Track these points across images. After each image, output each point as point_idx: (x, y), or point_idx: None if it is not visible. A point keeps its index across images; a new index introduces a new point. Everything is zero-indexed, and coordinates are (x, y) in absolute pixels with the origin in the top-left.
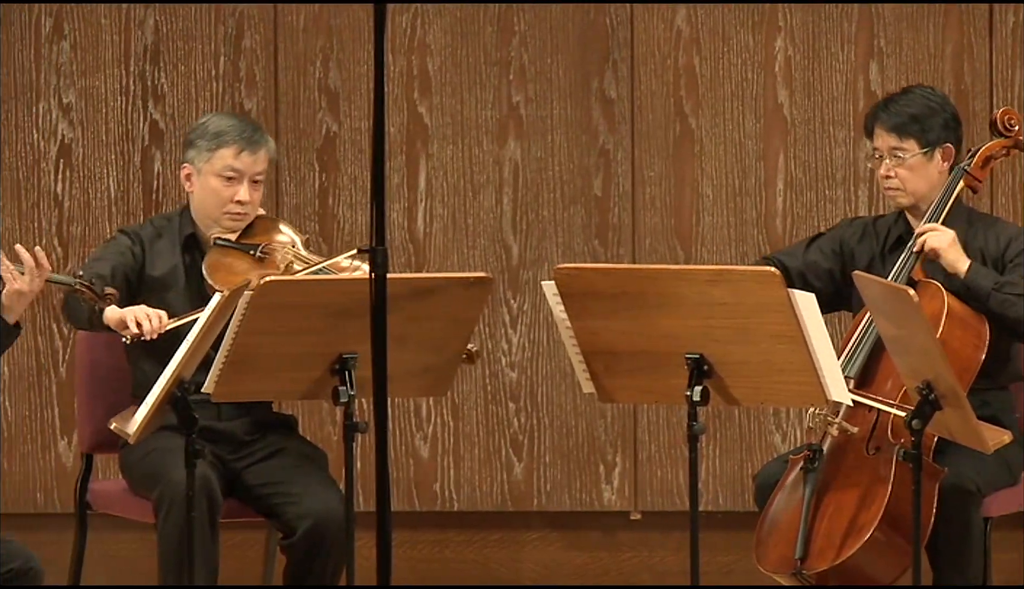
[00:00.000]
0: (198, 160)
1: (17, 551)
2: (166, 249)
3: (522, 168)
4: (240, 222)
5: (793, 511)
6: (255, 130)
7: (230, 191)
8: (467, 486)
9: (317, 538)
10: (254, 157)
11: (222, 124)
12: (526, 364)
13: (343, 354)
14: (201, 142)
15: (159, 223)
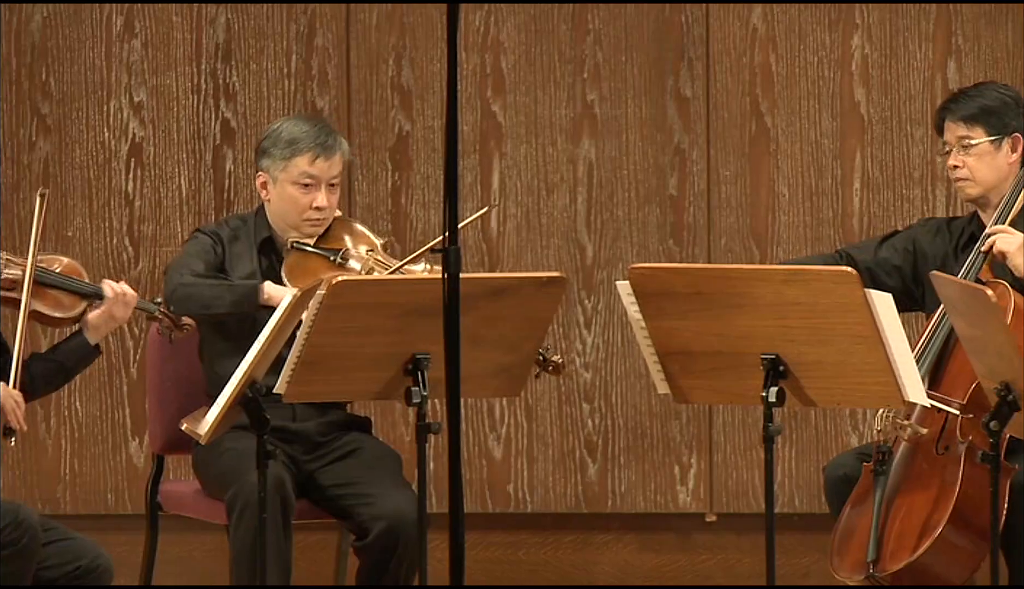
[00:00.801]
0: (273, 169)
1: (86, 548)
2: (243, 252)
3: (596, 167)
4: (319, 227)
5: (865, 515)
6: (328, 134)
7: (308, 198)
8: (541, 487)
9: (390, 540)
10: (329, 162)
11: (295, 131)
12: (600, 364)
13: (416, 354)
14: (275, 150)
15: (234, 224)
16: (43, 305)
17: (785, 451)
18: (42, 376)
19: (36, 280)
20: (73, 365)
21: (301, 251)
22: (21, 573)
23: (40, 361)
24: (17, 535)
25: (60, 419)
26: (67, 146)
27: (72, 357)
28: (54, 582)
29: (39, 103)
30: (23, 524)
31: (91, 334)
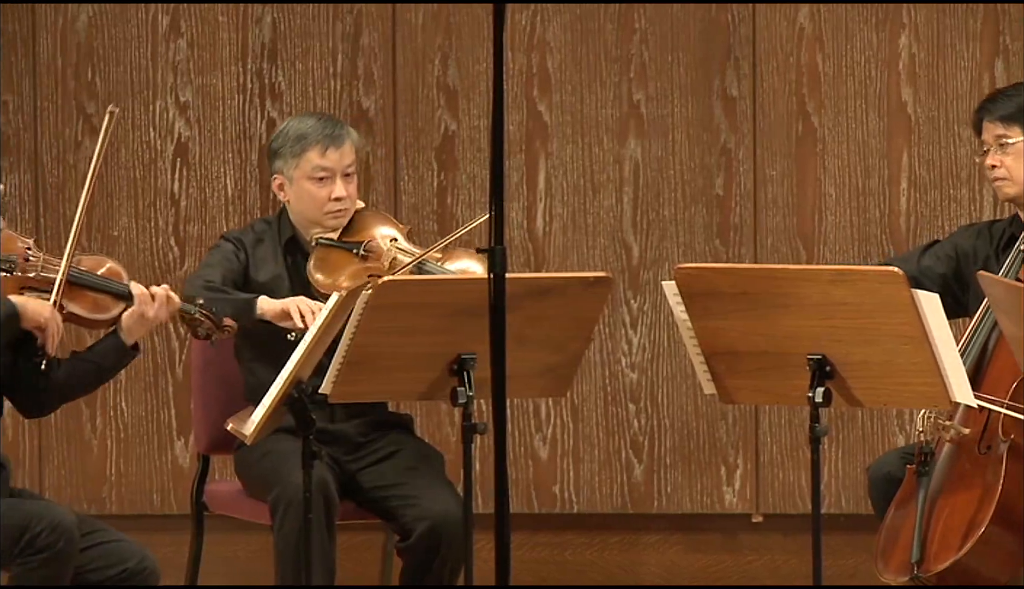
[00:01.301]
0: (287, 168)
1: (132, 550)
2: (268, 254)
3: (643, 167)
4: (342, 218)
5: (909, 516)
6: (335, 125)
7: (325, 190)
8: (587, 488)
9: (434, 540)
10: (340, 151)
11: (301, 127)
12: (646, 365)
13: (462, 354)
14: (285, 149)
15: (259, 228)
16: (80, 307)
17: (832, 452)
18: (78, 376)
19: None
20: (109, 365)
21: (325, 246)
22: (58, 577)
23: (76, 361)
24: (53, 539)
25: (106, 419)
26: (113, 146)
27: (108, 357)
28: (101, 584)
29: (85, 103)
30: (59, 527)
31: (125, 335)
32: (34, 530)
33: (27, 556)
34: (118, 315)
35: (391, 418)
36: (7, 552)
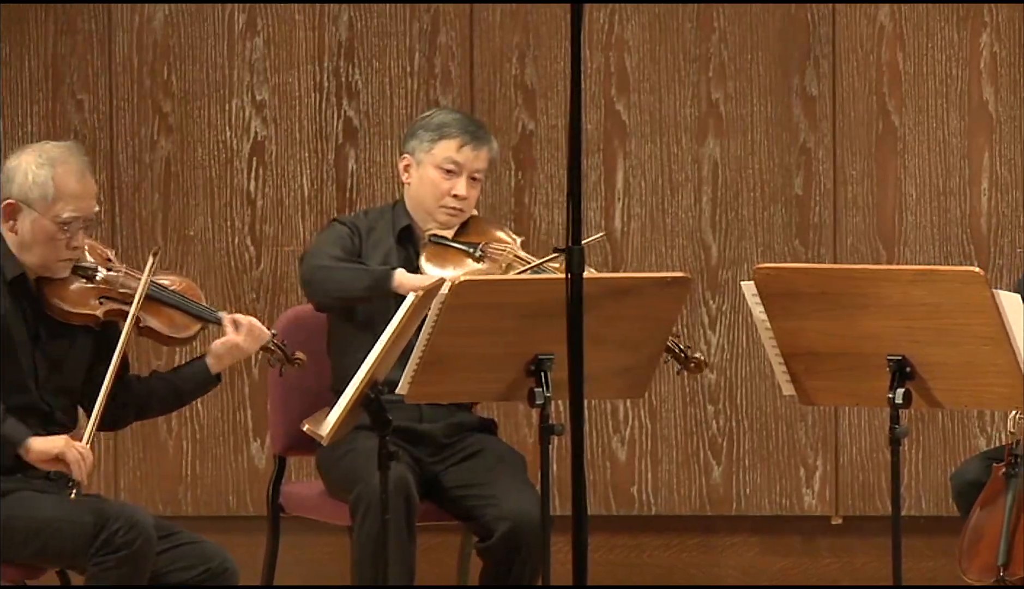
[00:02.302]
0: (419, 150)
1: (212, 551)
2: (381, 242)
3: (721, 166)
4: (455, 218)
5: (995, 518)
6: (480, 127)
7: (448, 184)
8: (665, 489)
9: (515, 541)
10: (476, 153)
11: (447, 117)
12: (725, 365)
13: (539, 355)
14: (423, 133)
15: (373, 216)
16: (158, 322)
17: (912, 453)
18: (158, 397)
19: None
20: (190, 390)
21: (439, 244)
22: (135, 576)
23: (158, 381)
24: (131, 537)
25: (181, 420)
26: (189, 145)
27: (190, 382)
28: (182, 585)
29: (161, 102)
30: (137, 527)
31: (213, 362)
32: (111, 528)
33: (104, 555)
34: (194, 335)
35: (477, 421)
36: (82, 551)
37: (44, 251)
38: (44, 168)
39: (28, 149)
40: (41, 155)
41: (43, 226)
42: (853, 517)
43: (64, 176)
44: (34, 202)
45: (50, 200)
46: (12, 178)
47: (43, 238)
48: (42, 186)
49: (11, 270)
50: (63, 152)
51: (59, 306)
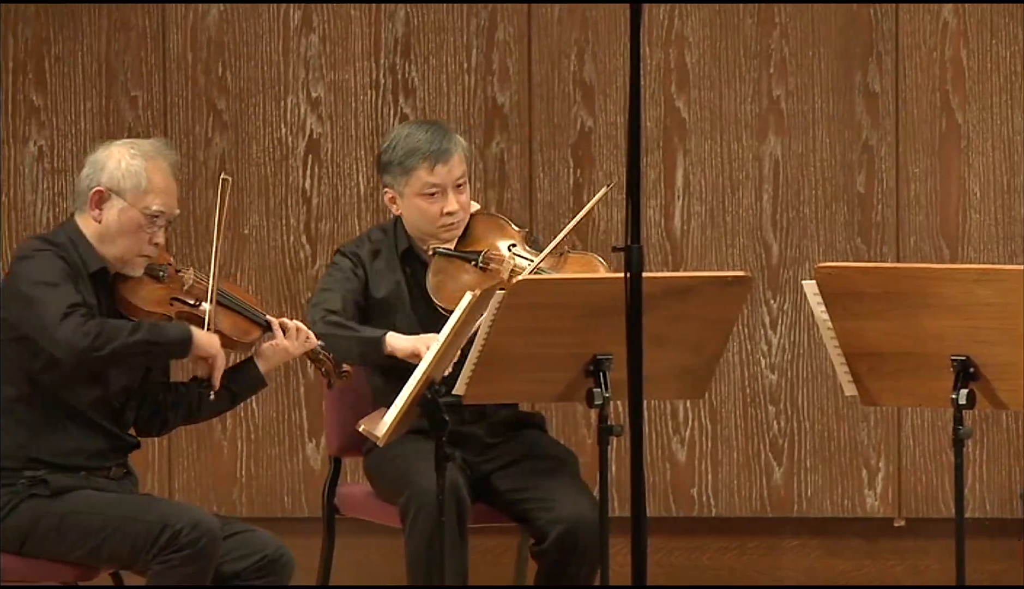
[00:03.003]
0: (397, 184)
1: (268, 539)
2: (386, 267)
3: (783, 164)
4: (456, 229)
5: None
6: (443, 137)
7: (437, 206)
8: (725, 491)
9: (570, 544)
10: (448, 166)
11: (410, 142)
12: (786, 366)
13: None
14: (393, 166)
15: (376, 237)
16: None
17: (976, 454)
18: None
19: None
20: (241, 391)
21: (443, 257)
22: (199, 576)
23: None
24: (195, 536)
25: (236, 420)
26: (244, 142)
27: (243, 383)
28: (239, 574)
29: (215, 99)
30: (201, 526)
31: (262, 363)
32: (175, 527)
33: (168, 554)
34: (255, 340)
35: (522, 418)
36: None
37: (127, 243)
38: (138, 159)
39: (119, 142)
40: (134, 147)
41: (131, 216)
42: (916, 519)
43: (156, 171)
44: (125, 192)
45: (142, 191)
46: (103, 167)
47: (130, 229)
48: (135, 176)
49: (93, 263)
50: (156, 148)
51: (134, 304)
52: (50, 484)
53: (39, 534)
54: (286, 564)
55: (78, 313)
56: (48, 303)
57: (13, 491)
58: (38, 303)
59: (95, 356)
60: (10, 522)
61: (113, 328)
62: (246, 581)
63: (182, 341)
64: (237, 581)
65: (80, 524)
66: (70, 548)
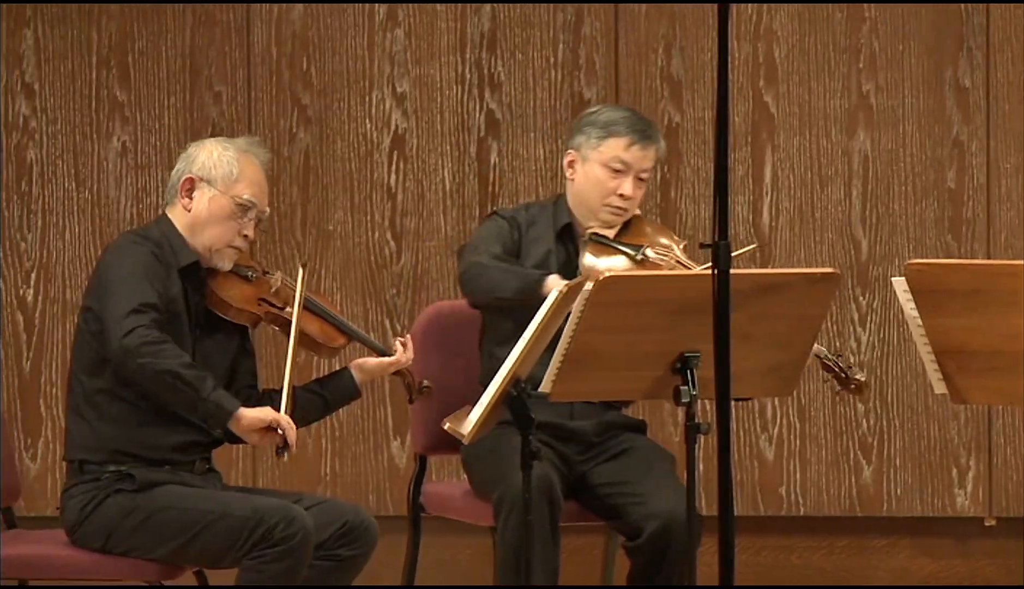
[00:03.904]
0: (585, 147)
1: (346, 506)
2: (541, 237)
3: (872, 160)
4: (619, 217)
5: None
6: (649, 125)
7: (615, 183)
8: (814, 490)
9: (664, 541)
10: (644, 152)
11: (615, 115)
12: (875, 363)
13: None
14: (591, 129)
15: (533, 210)
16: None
17: None
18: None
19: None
20: (335, 401)
21: (600, 244)
22: (292, 571)
23: (304, 392)
24: (289, 533)
25: None
26: (328, 138)
27: (337, 393)
28: (323, 544)
29: (300, 94)
30: (295, 522)
31: (360, 374)
32: (269, 523)
33: (261, 549)
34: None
35: (627, 421)
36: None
37: (217, 231)
38: (230, 151)
39: (212, 139)
40: (228, 141)
41: (221, 204)
42: (1007, 519)
43: (247, 163)
44: (216, 179)
45: (233, 179)
46: (195, 158)
47: (219, 216)
48: (227, 164)
49: (185, 257)
50: (248, 144)
51: (224, 300)
52: (136, 478)
53: (125, 530)
54: (369, 526)
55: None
56: (120, 296)
57: (98, 486)
58: (112, 295)
59: (137, 362)
60: (95, 518)
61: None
62: (331, 550)
63: (214, 419)
64: (322, 551)
65: (170, 520)
66: (158, 545)
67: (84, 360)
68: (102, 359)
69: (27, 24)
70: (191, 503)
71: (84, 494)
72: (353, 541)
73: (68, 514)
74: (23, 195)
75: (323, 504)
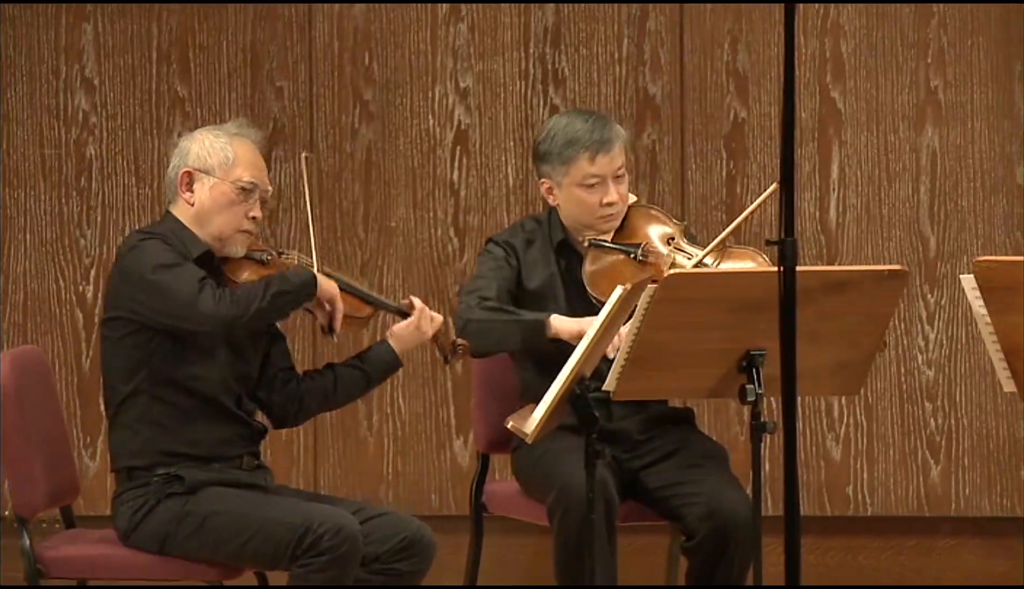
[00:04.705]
0: (555, 174)
1: (406, 520)
2: (539, 257)
3: (940, 156)
4: (615, 221)
5: None
6: (603, 126)
7: (596, 196)
8: (881, 489)
9: (721, 540)
10: (610, 156)
11: (569, 131)
12: (944, 362)
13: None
14: (552, 155)
15: (529, 227)
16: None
17: None
18: (345, 383)
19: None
20: (378, 375)
21: (599, 248)
22: (339, 580)
23: (344, 368)
24: (337, 542)
25: (382, 417)
26: (391, 134)
27: (378, 366)
28: (379, 557)
29: (362, 89)
30: (343, 531)
31: (396, 343)
32: (317, 532)
33: (309, 557)
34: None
35: (671, 413)
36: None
37: (223, 219)
38: (221, 138)
39: (201, 129)
40: (217, 129)
41: (223, 190)
42: None
43: (241, 145)
44: (213, 168)
45: (230, 164)
46: (188, 151)
47: (223, 203)
48: (221, 151)
49: (196, 248)
50: (237, 127)
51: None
52: (185, 480)
53: (180, 536)
54: (428, 543)
55: (209, 285)
56: (179, 283)
57: (148, 492)
58: (166, 286)
59: (243, 322)
60: (149, 524)
61: (246, 292)
62: (388, 564)
63: (307, 284)
64: (378, 564)
65: (221, 525)
66: (212, 550)
67: (116, 368)
68: (137, 361)
69: (87, 18)
70: (242, 508)
71: (135, 500)
72: (411, 556)
73: (120, 520)
74: (82, 191)
75: (384, 517)
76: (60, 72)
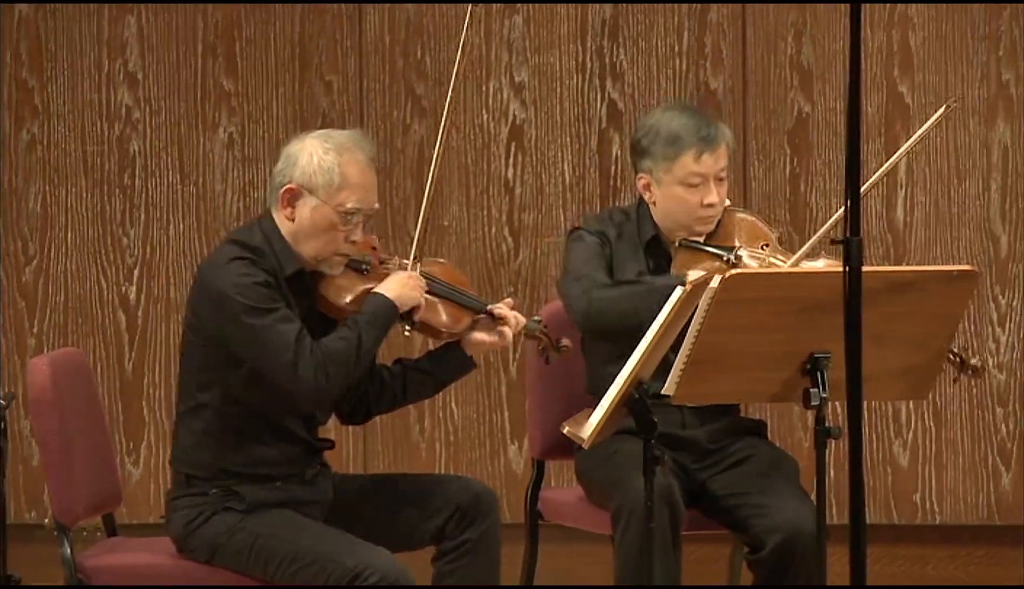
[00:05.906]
0: (656, 170)
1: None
2: (629, 252)
3: (1012, 152)
4: (711, 224)
5: None
6: (709, 124)
7: (697, 196)
8: (950, 497)
9: (787, 554)
10: (715, 155)
11: (674, 125)
12: (1015, 365)
13: (815, 353)
14: (656, 149)
15: (618, 219)
16: (435, 319)
17: None
18: (415, 385)
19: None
20: (448, 378)
21: (691, 249)
22: None
23: (413, 370)
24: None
25: (435, 421)
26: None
27: (449, 370)
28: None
29: (414, 83)
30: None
31: (472, 349)
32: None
33: None
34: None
35: (744, 423)
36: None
37: (321, 242)
38: (331, 155)
39: (313, 134)
40: (328, 141)
41: (324, 214)
42: None
43: (350, 165)
44: (318, 189)
45: (335, 188)
46: (295, 162)
47: (323, 227)
48: (328, 172)
49: (290, 266)
50: (350, 140)
51: (335, 304)
52: (245, 498)
53: (231, 548)
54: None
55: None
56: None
57: (205, 502)
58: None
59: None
60: (203, 531)
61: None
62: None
63: (390, 315)
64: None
65: (274, 548)
66: (261, 570)
67: (194, 371)
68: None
69: (130, 11)
70: (298, 536)
71: (191, 508)
72: (473, 519)
73: (174, 526)
74: (125, 188)
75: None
76: (103, 66)
